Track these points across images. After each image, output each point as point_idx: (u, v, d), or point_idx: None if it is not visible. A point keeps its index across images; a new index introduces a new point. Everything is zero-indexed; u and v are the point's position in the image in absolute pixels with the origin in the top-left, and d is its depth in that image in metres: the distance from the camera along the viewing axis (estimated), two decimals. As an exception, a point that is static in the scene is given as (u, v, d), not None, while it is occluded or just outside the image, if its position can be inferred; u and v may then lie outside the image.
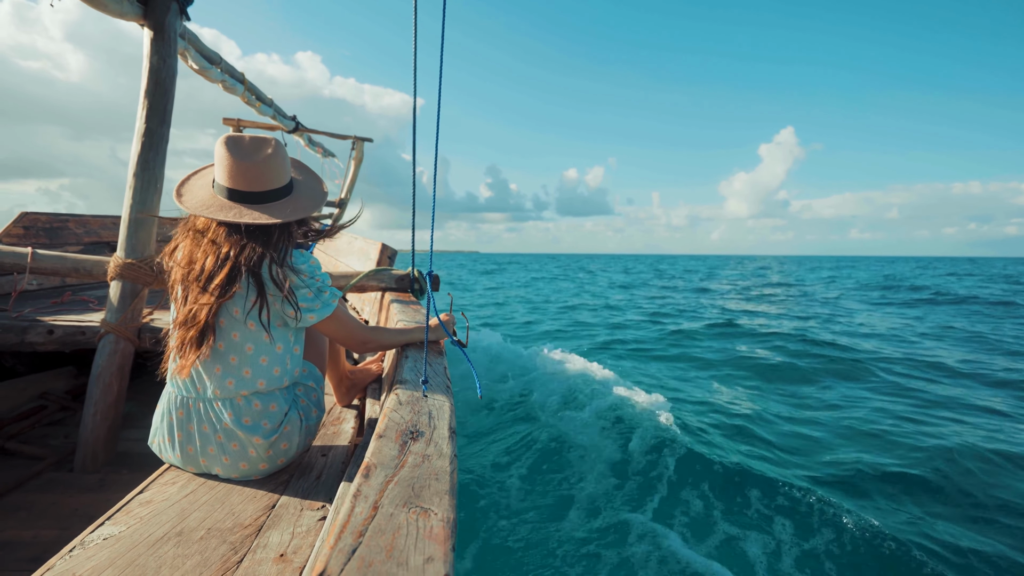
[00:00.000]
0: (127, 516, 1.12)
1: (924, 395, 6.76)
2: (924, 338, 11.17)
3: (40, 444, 2.23)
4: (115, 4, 2.03)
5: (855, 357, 8.73)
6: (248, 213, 1.25)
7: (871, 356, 8.90)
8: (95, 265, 2.27)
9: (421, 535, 0.62)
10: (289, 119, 5.15)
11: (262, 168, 1.27)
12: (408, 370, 1.28)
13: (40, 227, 4.25)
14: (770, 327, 12.20)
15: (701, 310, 16.78)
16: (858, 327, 12.72)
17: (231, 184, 1.27)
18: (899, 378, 7.62)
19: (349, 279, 2.41)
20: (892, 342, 10.58)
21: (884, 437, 5.22)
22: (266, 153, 1.28)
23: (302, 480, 1.33)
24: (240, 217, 1.24)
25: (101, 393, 2.08)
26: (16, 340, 2.30)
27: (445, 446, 0.89)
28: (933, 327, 12.81)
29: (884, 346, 10.04)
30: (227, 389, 1.23)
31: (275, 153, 1.30)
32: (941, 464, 4.50)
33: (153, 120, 2.17)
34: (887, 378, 7.62)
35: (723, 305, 18.46)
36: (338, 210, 6.42)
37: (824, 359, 8.70)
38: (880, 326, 13.00)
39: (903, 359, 8.75)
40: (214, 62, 3.13)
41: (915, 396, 6.72)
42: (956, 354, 9.35)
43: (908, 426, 5.54)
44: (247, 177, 1.26)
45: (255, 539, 1.07)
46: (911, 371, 8.03)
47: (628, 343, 10.86)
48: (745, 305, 18.42)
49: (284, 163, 1.33)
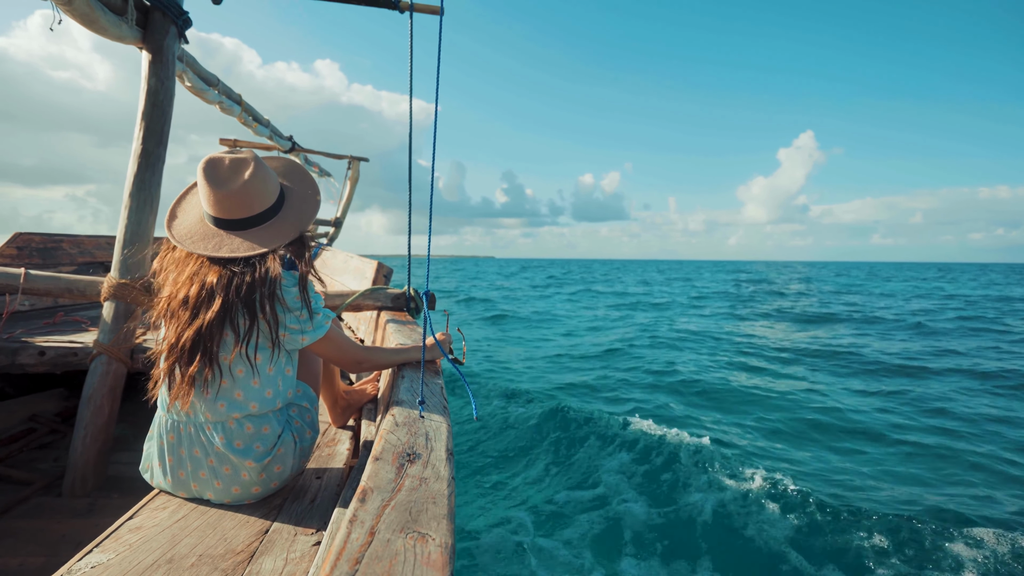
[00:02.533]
0: (116, 543, 1.10)
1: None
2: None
3: (29, 468, 2.19)
4: (114, 28, 2.05)
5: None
6: (228, 243, 1.23)
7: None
8: (88, 285, 2.26)
9: (419, 562, 0.61)
10: (285, 139, 5.19)
11: (241, 195, 1.23)
12: (404, 390, 1.27)
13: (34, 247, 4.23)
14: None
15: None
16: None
17: (213, 212, 1.25)
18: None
19: (344, 298, 2.40)
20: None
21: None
22: (243, 179, 1.23)
23: (296, 504, 1.31)
24: (218, 249, 1.21)
25: (92, 415, 2.05)
26: (7, 362, 2.27)
27: (443, 468, 0.88)
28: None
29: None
30: (218, 412, 1.21)
31: (254, 176, 1.24)
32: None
33: (150, 141, 2.18)
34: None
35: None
36: (334, 229, 6.43)
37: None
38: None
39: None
40: (211, 83, 3.16)
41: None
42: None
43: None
44: (226, 205, 1.23)
45: (247, 566, 1.05)
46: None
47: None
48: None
49: (266, 184, 1.27)
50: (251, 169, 1.24)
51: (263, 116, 4.40)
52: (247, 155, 1.27)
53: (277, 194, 1.32)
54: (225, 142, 4.97)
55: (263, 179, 1.27)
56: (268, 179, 1.29)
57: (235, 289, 1.18)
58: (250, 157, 1.27)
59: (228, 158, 1.25)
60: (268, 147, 5.09)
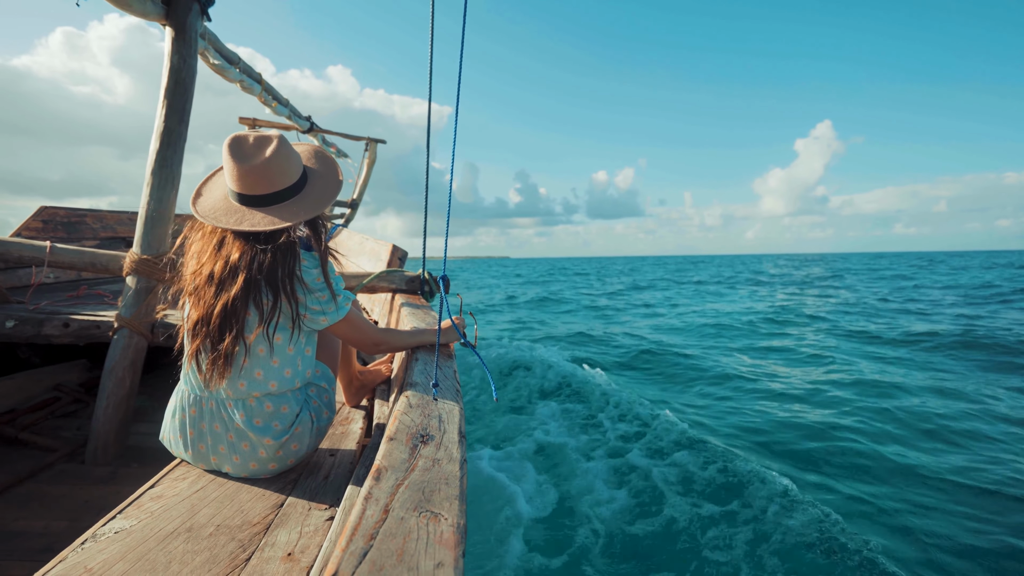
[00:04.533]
0: (138, 510, 1.13)
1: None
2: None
3: (53, 435, 2.27)
4: (139, 4, 2.06)
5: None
6: (249, 218, 1.24)
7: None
8: (111, 260, 2.30)
9: (432, 540, 0.62)
10: (304, 119, 5.20)
11: (263, 170, 1.24)
12: (418, 373, 1.28)
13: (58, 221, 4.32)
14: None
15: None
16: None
17: (236, 188, 1.26)
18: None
19: (360, 280, 2.42)
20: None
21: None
22: (266, 155, 1.24)
23: (310, 480, 1.34)
24: (240, 224, 1.23)
25: (114, 387, 2.11)
26: (33, 332, 2.33)
27: (455, 450, 0.89)
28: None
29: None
30: (239, 390, 1.24)
31: (277, 152, 1.25)
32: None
33: (172, 119, 2.20)
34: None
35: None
36: (350, 211, 6.47)
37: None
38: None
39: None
40: (233, 62, 3.17)
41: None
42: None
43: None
44: (249, 181, 1.24)
45: (263, 537, 1.08)
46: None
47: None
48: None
49: (289, 161, 1.28)
50: (274, 145, 1.26)
51: (282, 96, 4.42)
52: (272, 133, 1.29)
53: (300, 173, 1.33)
54: (244, 121, 5.00)
55: (286, 156, 1.28)
56: (291, 157, 1.30)
57: (257, 266, 1.20)
58: (274, 135, 1.28)
59: (253, 135, 1.27)
60: (287, 127, 5.11)
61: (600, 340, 11.71)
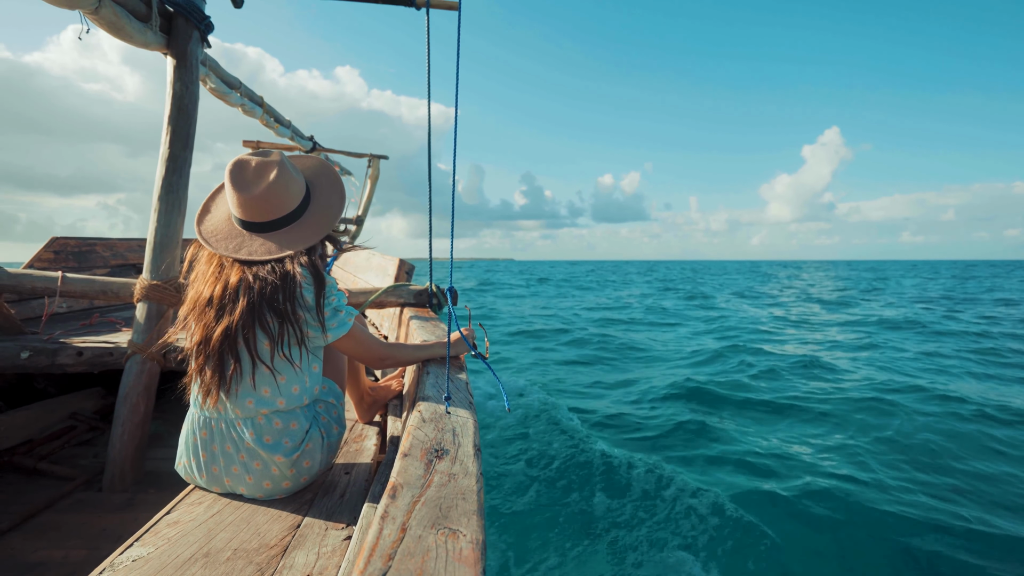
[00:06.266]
0: (155, 537, 1.13)
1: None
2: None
3: (70, 464, 2.27)
4: (139, 35, 2.09)
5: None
6: (248, 244, 1.26)
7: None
8: (122, 287, 2.32)
9: (451, 558, 0.61)
10: (306, 139, 5.26)
11: (263, 199, 1.26)
12: (430, 386, 1.27)
13: (69, 251, 4.37)
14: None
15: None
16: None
17: (237, 214, 1.29)
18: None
19: (368, 296, 2.42)
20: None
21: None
22: (266, 183, 1.26)
23: (326, 499, 1.33)
24: (238, 251, 1.25)
25: (128, 413, 2.11)
26: (47, 362, 2.35)
27: (471, 464, 0.88)
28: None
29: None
30: (247, 409, 1.24)
31: (278, 180, 1.27)
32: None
33: (176, 145, 2.23)
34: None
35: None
36: (355, 227, 6.50)
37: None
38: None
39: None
40: (233, 87, 3.21)
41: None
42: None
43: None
44: (250, 209, 1.26)
45: (281, 559, 1.07)
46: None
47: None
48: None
49: (288, 189, 1.30)
50: (275, 173, 1.27)
51: (284, 117, 4.47)
52: (274, 157, 1.30)
53: (301, 198, 1.34)
54: (248, 144, 5.06)
55: (286, 184, 1.29)
56: (291, 183, 1.31)
57: (259, 291, 1.20)
58: (276, 160, 1.29)
59: (255, 160, 1.28)
60: (290, 148, 5.17)
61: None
